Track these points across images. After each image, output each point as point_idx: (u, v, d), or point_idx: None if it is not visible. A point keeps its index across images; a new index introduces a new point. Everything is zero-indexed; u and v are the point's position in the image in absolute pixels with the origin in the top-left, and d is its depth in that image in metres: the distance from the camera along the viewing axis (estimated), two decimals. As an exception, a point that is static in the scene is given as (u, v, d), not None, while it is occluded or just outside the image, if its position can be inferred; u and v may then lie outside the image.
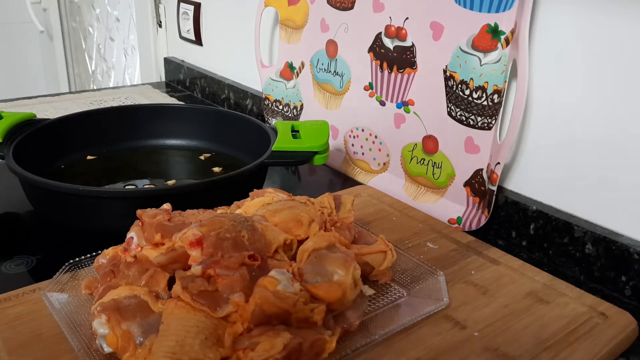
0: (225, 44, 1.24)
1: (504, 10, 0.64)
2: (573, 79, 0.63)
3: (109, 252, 0.54)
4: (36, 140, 0.78)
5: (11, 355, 0.46)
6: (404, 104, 0.79)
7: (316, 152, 0.74)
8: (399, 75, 0.78)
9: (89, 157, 0.86)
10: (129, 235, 0.54)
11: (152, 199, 0.67)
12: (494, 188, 0.68)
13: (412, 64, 0.76)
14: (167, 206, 0.57)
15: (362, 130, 0.87)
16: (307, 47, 0.94)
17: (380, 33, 0.80)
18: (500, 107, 0.67)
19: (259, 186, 0.76)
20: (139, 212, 0.55)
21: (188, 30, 1.33)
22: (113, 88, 1.37)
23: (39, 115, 0.85)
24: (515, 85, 0.64)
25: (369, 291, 0.56)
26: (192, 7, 1.29)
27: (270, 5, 0.98)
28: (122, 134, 0.90)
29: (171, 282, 0.51)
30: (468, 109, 0.70)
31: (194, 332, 0.43)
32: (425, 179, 0.79)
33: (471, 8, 0.67)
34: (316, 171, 0.92)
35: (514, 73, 0.66)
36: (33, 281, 0.55)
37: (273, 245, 0.52)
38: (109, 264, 0.53)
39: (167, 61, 1.45)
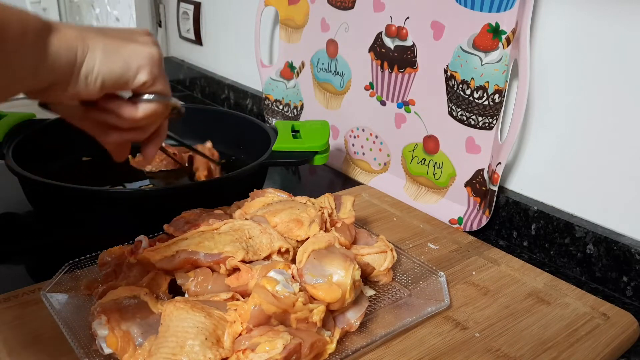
0: (225, 44, 1.24)
1: (505, 10, 0.64)
2: (574, 79, 0.63)
3: (116, 250, 0.54)
4: (36, 140, 0.78)
5: (11, 355, 0.46)
6: (405, 104, 0.79)
7: (316, 152, 0.74)
8: (400, 75, 0.78)
9: (88, 157, 0.86)
10: (137, 239, 0.53)
11: (152, 199, 0.67)
12: (495, 188, 0.68)
13: (413, 64, 0.76)
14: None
15: (363, 130, 0.87)
16: (308, 47, 0.94)
17: (380, 32, 0.80)
18: (501, 107, 0.67)
19: (259, 186, 0.75)
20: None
21: (188, 30, 1.33)
22: (113, 88, 1.36)
23: (39, 115, 0.85)
24: (516, 85, 0.64)
25: (369, 292, 0.56)
26: (192, 7, 1.29)
27: (270, 5, 0.98)
28: (122, 133, 0.89)
29: (172, 284, 0.51)
30: (469, 109, 0.70)
31: (194, 332, 0.43)
32: (426, 179, 0.78)
33: (472, 7, 0.67)
34: (316, 171, 0.92)
35: (515, 73, 0.66)
36: (33, 281, 0.55)
37: (265, 251, 0.52)
38: (113, 263, 0.53)
39: (167, 61, 1.44)
